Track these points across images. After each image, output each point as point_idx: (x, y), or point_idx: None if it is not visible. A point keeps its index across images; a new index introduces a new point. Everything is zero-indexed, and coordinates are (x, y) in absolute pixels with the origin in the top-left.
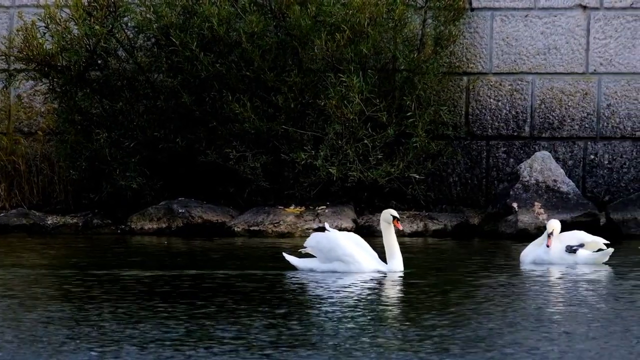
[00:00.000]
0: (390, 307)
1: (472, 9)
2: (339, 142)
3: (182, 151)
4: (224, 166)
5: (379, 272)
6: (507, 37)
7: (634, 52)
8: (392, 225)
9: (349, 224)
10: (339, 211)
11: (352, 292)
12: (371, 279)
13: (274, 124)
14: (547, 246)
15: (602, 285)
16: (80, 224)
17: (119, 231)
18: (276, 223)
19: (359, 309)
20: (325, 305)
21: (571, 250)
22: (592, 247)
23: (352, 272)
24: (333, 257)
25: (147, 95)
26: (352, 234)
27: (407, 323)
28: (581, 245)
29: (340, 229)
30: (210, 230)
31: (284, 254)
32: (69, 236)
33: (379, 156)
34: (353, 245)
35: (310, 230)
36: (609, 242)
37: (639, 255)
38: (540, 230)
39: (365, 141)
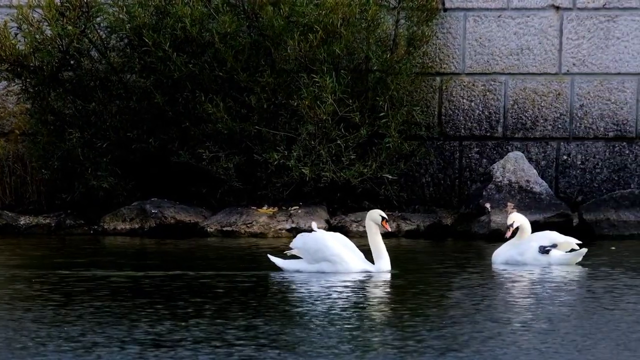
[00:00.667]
0: (377, 308)
1: (445, 10)
2: (312, 142)
3: (154, 151)
4: (197, 166)
5: (366, 272)
6: (480, 38)
7: (607, 53)
8: (379, 226)
9: (321, 224)
10: (312, 212)
11: (338, 293)
12: (359, 280)
13: (247, 124)
14: (506, 237)
15: (575, 286)
16: (53, 224)
17: (91, 232)
18: (249, 223)
19: (344, 310)
20: (308, 305)
21: (544, 250)
22: (565, 247)
23: (340, 272)
24: (320, 257)
25: (120, 95)
26: (338, 234)
27: (390, 324)
28: (554, 246)
29: (313, 230)
30: (183, 231)
31: (269, 256)
32: (41, 237)
33: (352, 156)
34: (340, 246)
35: (283, 231)
36: (581, 242)
37: (612, 255)
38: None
39: (338, 141)
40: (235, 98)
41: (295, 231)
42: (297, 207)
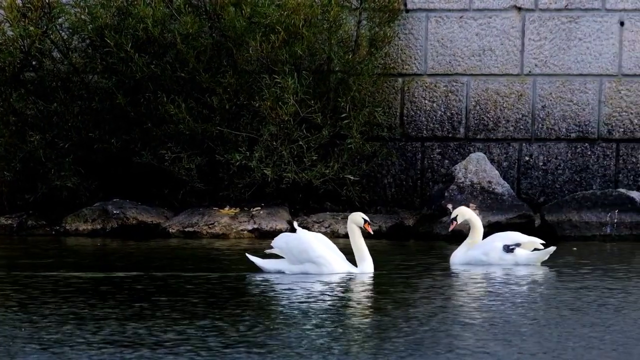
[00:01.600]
0: (354, 310)
1: (407, 11)
2: (274, 143)
3: (117, 152)
4: (159, 167)
5: (350, 274)
6: (442, 39)
7: (569, 54)
8: (359, 228)
9: (283, 225)
10: (274, 212)
11: (321, 294)
12: (341, 281)
13: (209, 125)
14: (449, 231)
15: (540, 287)
16: (15, 225)
17: (53, 232)
18: (211, 224)
19: (324, 312)
20: (287, 307)
21: (509, 249)
22: (529, 247)
23: (324, 274)
24: (305, 258)
25: (82, 96)
26: (319, 234)
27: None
28: (517, 245)
29: (275, 231)
30: (145, 232)
31: (247, 255)
32: (2, 237)
33: (314, 157)
34: (324, 247)
35: (245, 232)
36: (545, 242)
37: (574, 256)
38: None
39: (300, 142)
40: (197, 99)
41: (257, 232)
42: (259, 208)
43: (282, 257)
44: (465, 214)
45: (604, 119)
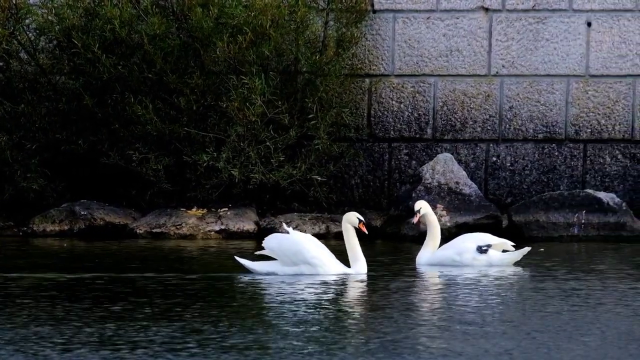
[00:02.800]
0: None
1: (374, 11)
2: (241, 144)
3: (84, 153)
4: (126, 168)
5: (344, 275)
6: (409, 39)
7: (536, 54)
8: (354, 228)
9: (251, 226)
10: (241, 213)
11: (315, 295)
12: (335, 282)
13: (176, 126)
14: (413, 223)
15: (514, 287)
16: None
17: (20, 233)
18: (178, 225)
19: (317, 312)
20: (277, 308)
21: (482, 250)
22: (499, 248)
23: (319, 275)
24: (300, 260)
25: (49, 97)
26: (309, 235)
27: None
28: (489, 246)
29: (242, 232)
30: (112, 233)
31: (236, 257)
32: None
33: (281, 158)
34: (319, 248)
35: (212, 233)
36: (514, 243)
37: (542, 257)
38: (443, 232)
39: (267, 143)
40: (165, 100)
41: (224, 233)
42: (226, 208)
43: (271, 259)
44: (426, 207)
45: (572, 119)
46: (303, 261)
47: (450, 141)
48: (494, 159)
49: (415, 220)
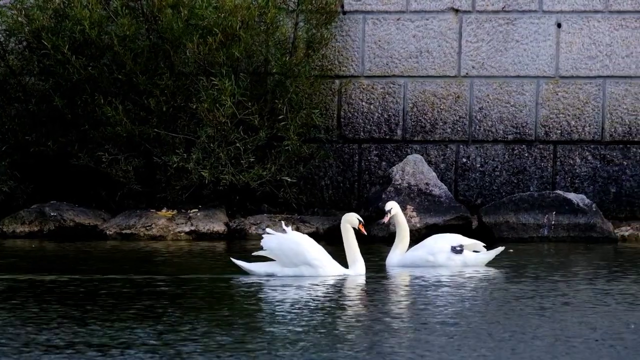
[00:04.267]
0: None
1: (344, 12)
2: (211, 145)
3: (54, 154)
4: (96, 169)
5: (345, 276)
6: (379, 41)
7: (506, 56)
8: (353, 229)
9: (220, 227)
10: (211, 214)
11: (313, 296)
12: (335, 283)
13: (146, 127)
14: (383, 223)
15: (490, 288)
16: None
17: None
18: (148, 226)
19: (288, 313)
20: (271, 310)
21: (457, 250)
22: (470, 248)
23: (320, 276)
24: (300, 260)
25: (19, 98)
26: (306, 235)
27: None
28: (461, 246)
29: (212, 233)
30: (82, 234)
31: (233, 259)
32: None
33: (251, 159)
34: (319, 249)
35: (182, 234)
36: (485, 244)
37: (511, 258)
38: (413, 234)
39: (237, 144)
40: (135, 101)
41: (194, 234)
42: (196, 210)
43: (266, 260)
44: (396, 208)
45: (541, 120)
46: (304, 262)
47: (420, 142)
48: (464, 160)
49: (385, 220)
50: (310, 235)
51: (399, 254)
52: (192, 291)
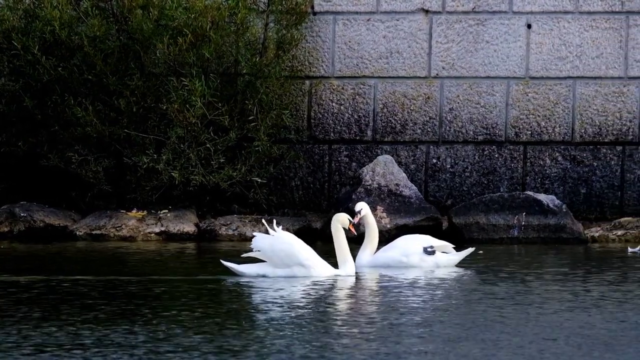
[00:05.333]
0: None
1: (315, 13)
2: (181, 146)
3: (24, 155)
4: (66, 170)
5: (336, 276)
6: (350, 41)
7: (476, 56)
8: (343, 229)
9: (191, 227)
10: (181, 215)
11: (303, 297)
12: (324, 284)
13: (116, 127)
14: (354, 223)
15: (462, 289)
16: None
17: None
18: (118, 227)
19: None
20: (265, 312)
21: (428, 252)
22: (440, 250)
23: (313, 277)
24: (293, 261)
25: None
26: (294, 236)
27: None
28: (432, 247)
29: (182, 233)
30: (53, 234)
31: (222, 261)
32: None
33: (221, 160)
34: (310, 250)
35: (152, 235)
36: (455, 245)
37: (481, 259)
38: (383, 234)
39: (208, 145)
40: (105, 101)
41: (164, 235)
42: (167, 210)
43: (256, 261)
44: (366, 209)
45: (512, 121)
46: (296, 263)
47: (391, 143)
48: (434, 160)
49: (356, 220)
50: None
51: (368, 255)
52: (164, 292)
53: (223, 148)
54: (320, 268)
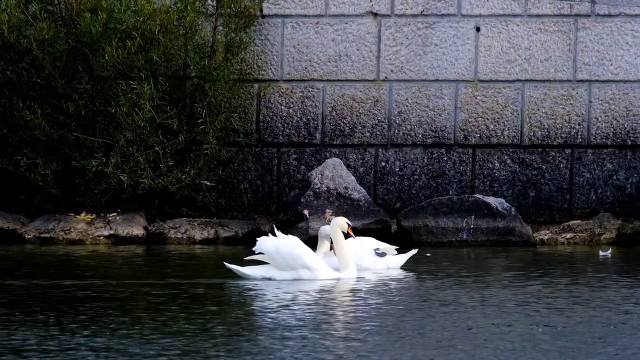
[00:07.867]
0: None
1: (263, 16)
2: (130, 149)
3: None
4: (15, 173)
5: (339, 279)
6: (298, 44)
7: (425, 60)
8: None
9: (140, 231)
10: (130, 218)
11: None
12: (327, 287)
13: (65, 131)
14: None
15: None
16: None
17: None
18: (67, 230)
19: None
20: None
21: (379, 254)
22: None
23: (317, 280)
24: (298, 264)
25: None
26: (297, 238)
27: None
28: (379, 249)
29: (131, 237)
30: (1, 238)
31: (226, 264)
32: None
33: (170, 163)
34: (312, 252)
35: (101, 238)
36: (398, 247)
37: (428, 262)
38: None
39: (156, 148)
40: (53, 105)
41: (113, 238)
42: (115, 213)
43: (258, 264)
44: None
45: (460, 124)
46: (303, 266)
47: (339, 146)
48: (383, 164)
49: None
50: (229, 238)
51: (321, 257)
52: (114, 295)
53: (172, 151)
54: (323, 271)
